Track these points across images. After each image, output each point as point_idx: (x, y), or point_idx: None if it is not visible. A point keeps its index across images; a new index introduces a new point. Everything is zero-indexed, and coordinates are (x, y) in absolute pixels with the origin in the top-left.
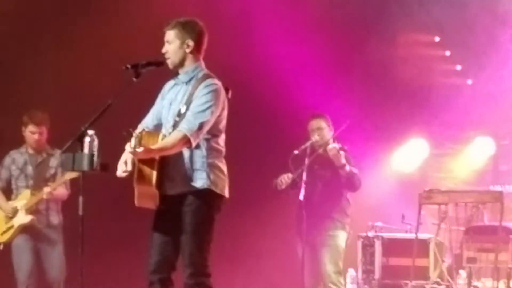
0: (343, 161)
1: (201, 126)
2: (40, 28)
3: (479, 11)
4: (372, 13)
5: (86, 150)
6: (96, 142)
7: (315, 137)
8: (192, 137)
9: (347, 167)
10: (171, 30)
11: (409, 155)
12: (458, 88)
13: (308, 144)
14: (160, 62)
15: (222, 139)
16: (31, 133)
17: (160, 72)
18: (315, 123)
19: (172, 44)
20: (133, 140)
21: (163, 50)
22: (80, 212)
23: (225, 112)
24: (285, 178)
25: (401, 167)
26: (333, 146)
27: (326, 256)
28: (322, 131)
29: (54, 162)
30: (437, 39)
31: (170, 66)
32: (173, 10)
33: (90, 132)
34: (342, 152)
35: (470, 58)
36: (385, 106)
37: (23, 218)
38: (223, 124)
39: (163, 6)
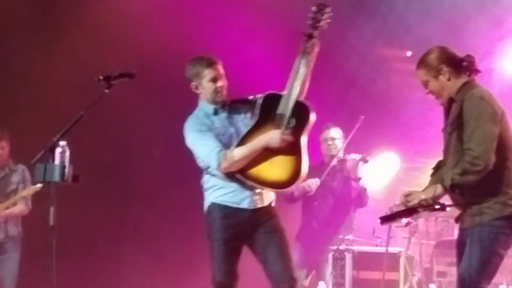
0: (360, 174)
1: None
2: (12, 38)
3: (451, 27)
4: (344, 27)
5: (57, 161)
6: (67, 153)
7: None
8: None
9: (361, 182)
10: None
11: (380, 168)
12: (430, 103)
13: None
14: (131, 74)
15: None
16: None
17: (132, 84)
18: (331, 133)
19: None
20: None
21: (223, 84)
22: (51, 223)
23: None
24: (314, 183)
25: (372, 181)
26: (354, 156)
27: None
28: (335, 141)
29: (16, 177)
30: (409, 53)
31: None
32: (144, 25)
33: (62, 143)
34: (361, 164)
35: None
36: (356, 119)
37: None
38: None
39: (136, 20)
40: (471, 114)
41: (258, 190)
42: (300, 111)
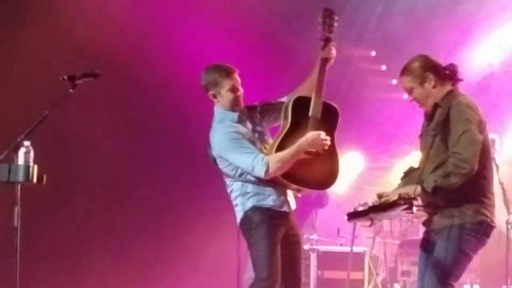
0: None
1: None
2: None
3: (415, 26)
4: (307, 26)
5: (21, 161)
6: (31, 153)
7: None
8: None
9: None
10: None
11: (344, 168)
12: (394, 102)
13: None
14: (96, 73)
15: None
16: None
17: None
18: None
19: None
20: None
21: (240, 93)
22: (16, 223)
23: None
24: None
25: (336, 180)
26: None
27: None
28: None
29: None
30: (373, 53)
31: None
32: (107, 23)
33: (26, 143)
34: None
35: None
36: None
37: None
38: None
39: (99, 17)
40: (459, 119)
41: (290, 194)
42: (329, 112)
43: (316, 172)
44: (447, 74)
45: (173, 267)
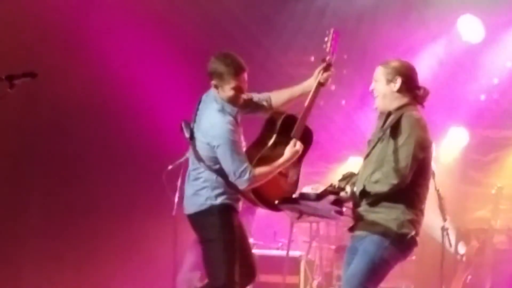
0: None
1: None
2: None
3: (355, 34)
4: (244, 32)
5: None
6: None
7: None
8: None
9: None
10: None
11: None
12: (332, 108)
13: (183, 159)
14: (34, 73)
15: None
16: None
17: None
18: None
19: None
20: None
21: (244, 92)
22: None
23: None
24: None
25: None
26: None
27: None
28: None
29: None
30: (312, 59)
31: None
32: (46, 22)
33: None
34: None
35: (345, 79)
36: (256, 124)
37: None
38: None
39: (37, 17)
40: (404, 131)
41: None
42: (306, 136)
43: (275, 193)
44: (416, 93)
45: (108, 263)
